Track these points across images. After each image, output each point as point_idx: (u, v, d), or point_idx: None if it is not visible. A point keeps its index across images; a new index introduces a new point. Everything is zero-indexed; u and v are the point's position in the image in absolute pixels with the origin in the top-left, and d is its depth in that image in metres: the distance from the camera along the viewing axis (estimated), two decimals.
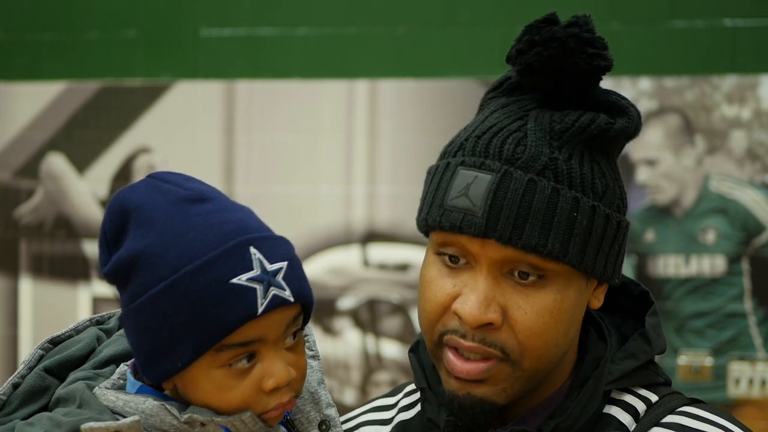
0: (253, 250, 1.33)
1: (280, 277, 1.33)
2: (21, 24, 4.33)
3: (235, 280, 1.31)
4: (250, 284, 1.31)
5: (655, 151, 3.95)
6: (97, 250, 1.39)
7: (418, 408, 1.53)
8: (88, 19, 4.29)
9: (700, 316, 3.93)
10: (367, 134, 4.14)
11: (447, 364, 1.39)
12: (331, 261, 4.16)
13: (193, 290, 1.30)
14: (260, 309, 1.31)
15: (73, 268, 4.31)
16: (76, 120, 4.31)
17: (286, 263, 1.35)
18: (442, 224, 1.36)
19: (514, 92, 1.44)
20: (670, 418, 1.42)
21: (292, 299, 1.34)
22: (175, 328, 1.31)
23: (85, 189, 4.31)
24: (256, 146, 4.21)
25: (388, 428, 1.56)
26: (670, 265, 3.95)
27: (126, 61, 4.27)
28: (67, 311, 4.29)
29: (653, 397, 1.45)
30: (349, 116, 4.15)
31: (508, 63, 1.41)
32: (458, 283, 1.38)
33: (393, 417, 1.58)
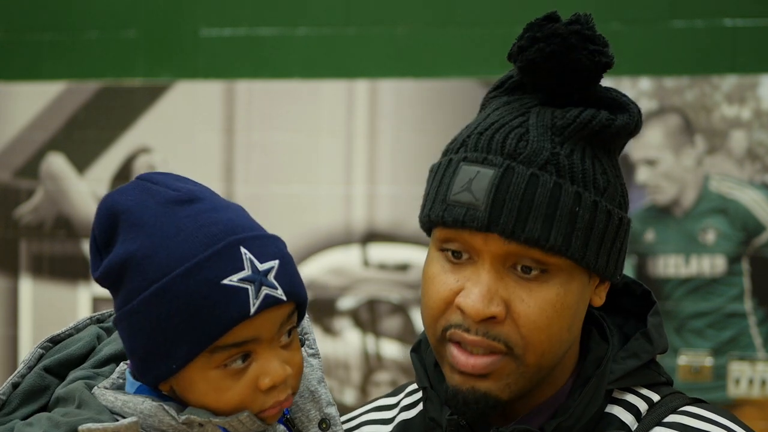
0: (243, 249, 1.32)
1: (271, 276, 1.33)
2: (21, 24, 4.32)
3: (227, 281, 1.31)
4: (242, 284, 1.31)
5: (655, 151, 3.95)
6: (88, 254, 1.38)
7: (420, 407, 1.53)
8: (88, 19, 4.28)
9: (700, 316, 3.93)
10: (367, 134, 4.13)
11: (451, 359, 1.39)
12: (331, 261, 4.16)
13: (185, 292, 1.30)
14: (253, 309, 1.31)
15: (73, 268, 4.31)
16: (76, 120, 4.30)
17: (277, 262, 1.34)
18: (444, 219, 1.36)
19: (516, 91, 1.44)
20: (672, 418, 1.42)
21: (284, 298, 1.34)
22: (168, 331, 1.31)
23: (85, 189, 4.31)
24: (256, 146, 4.20)
25: (389, 428, 1.56)
26: (670, 265, 3.95)
27: (126, 61, 4.26)
28: (67, 311, 4.28)
29: (655, 397, 1.45)
30: (349, 116, 4.14)
31: (510, 60, 1.41)
32: (461, 279, 1.38)
33: (394, 416, 1.58)
